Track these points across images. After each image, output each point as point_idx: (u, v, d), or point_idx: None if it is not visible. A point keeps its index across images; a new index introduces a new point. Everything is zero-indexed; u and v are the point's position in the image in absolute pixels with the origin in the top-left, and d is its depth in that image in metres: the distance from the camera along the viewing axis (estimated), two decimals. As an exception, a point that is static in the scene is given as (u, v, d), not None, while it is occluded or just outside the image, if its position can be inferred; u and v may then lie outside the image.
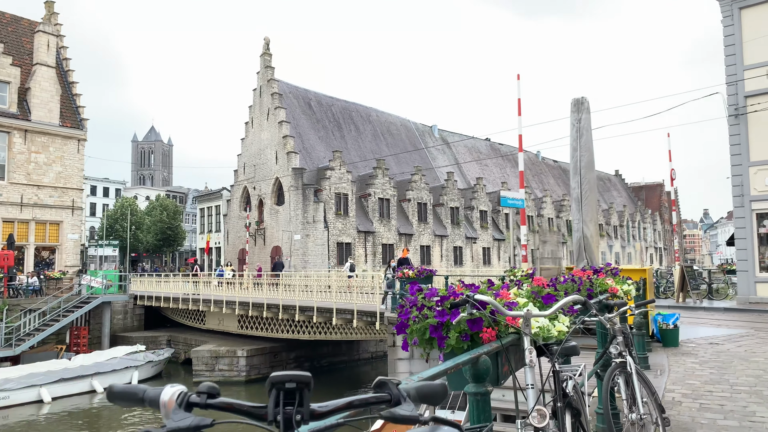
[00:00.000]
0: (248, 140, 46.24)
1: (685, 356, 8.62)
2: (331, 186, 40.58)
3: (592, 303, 5.12)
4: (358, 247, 41.80)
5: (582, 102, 10.39)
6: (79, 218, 35.18)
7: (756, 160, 18.93)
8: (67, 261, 33.65)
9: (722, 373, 7.28)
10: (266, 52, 44.53)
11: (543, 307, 3.02)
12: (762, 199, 18.91)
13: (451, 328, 2.61)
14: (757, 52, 18.74)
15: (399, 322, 2.72)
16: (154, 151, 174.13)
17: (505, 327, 2.64)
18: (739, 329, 12.25)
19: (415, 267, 15.51)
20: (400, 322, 2.72)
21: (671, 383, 6.76)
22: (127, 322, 31.40)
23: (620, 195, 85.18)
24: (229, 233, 47.84)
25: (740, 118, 19.06)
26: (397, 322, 2.79)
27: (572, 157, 10.31)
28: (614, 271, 6.05)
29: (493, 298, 2.88)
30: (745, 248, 19.29)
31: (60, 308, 27.32)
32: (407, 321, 2.72)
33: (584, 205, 10.08)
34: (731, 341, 10.12)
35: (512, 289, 3.12)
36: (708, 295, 21.59)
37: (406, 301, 2.85)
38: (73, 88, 36.52)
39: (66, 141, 34.25)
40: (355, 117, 52.18)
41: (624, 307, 4.48)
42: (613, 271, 6.05)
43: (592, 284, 5.33)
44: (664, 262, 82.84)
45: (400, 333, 2.70)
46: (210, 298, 25.64)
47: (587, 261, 9.97)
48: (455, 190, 50.78)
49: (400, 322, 2.71)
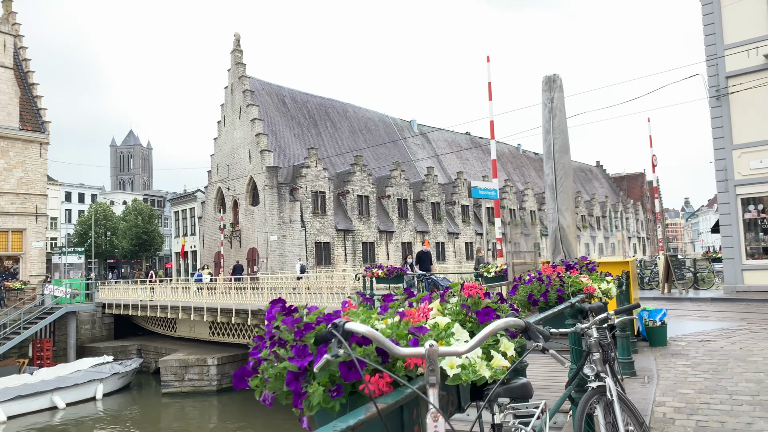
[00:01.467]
0: (221, 140, 44.95)
1: (675, 357, 7.71)
2: (308, 184, 39.45)
3: (565, 309, 4.14)
4: (337, 247, 40.74)
5: (554, 80, 9.45)
6: (43, 225, 33.73)
7: (739, 142, 18.18)
8: (32, 270, 32.23)
9: (718, 378, 6.38)
10: (237, 49, 43.25)
11: (478, 328, 2.04)
12: (747, 183, 18.17)
13: (316, 376, 1.62)
14: (738, 30, 17.99)
15: (239, 368, 1.73)
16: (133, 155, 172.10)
17: (406, 370, 1.65)
18: (729, 322, 11.42)
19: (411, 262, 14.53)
20: (240, 368, 1.73)
21: (661, 393, 5.84)
22: (95, 332, 30.07)
23: (602, 186, 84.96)
24: (204, 236, 46.52)
25: (722, 99, 18.30)
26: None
27: (545, 140, 9.36)
28: (590, 266, 5.09)
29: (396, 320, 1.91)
30: (731, 235, 18.55)
31: (20, 320, 25.98)
32: (255, 365, 1.73)
33: (559, 192, 9.15)
34: (724, 337, 9.26)
35: (433, 303, 2.15)
36: (693, 285, 20.87)
37: (267, 328, 1.86)
38: (34, 90, 35.06)
39: (27, 145, 32.81)
40: (331, 113, 51.05)
41: (600, 315, 3.53)
42: (589, 266, 5.09)
43: (562, 283, 4.37)
44: (647, 252, 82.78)
45: (239, 386, 1.70)
46: (178, 305, 24.47)
47: (564, 254, 9.05)
48: (436, 185, 49.89)
49: (241, 368, 1.72)
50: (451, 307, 2.20)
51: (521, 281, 4.50)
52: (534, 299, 4.32)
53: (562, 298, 4.31)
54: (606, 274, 5.01)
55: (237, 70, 42.87)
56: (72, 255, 30.05)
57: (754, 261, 18.21)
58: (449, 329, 1.90)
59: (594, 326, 3.45)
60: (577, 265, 5.03)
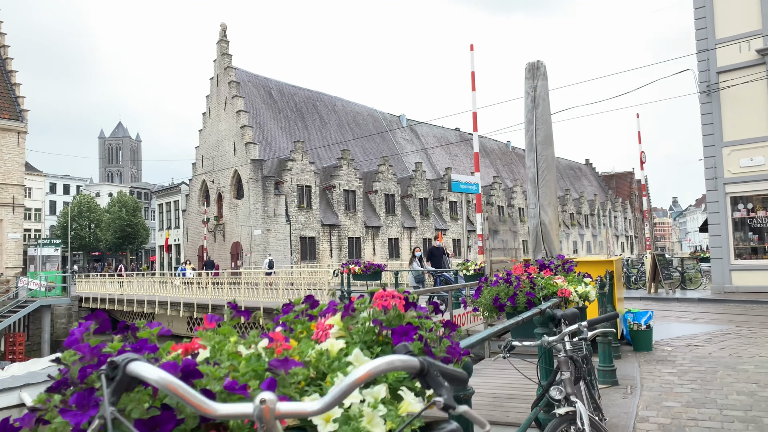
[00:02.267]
0: (206, 132, 44.14)
1: (661, 364, 7.21)
2: (293, 178, 38.75)
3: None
4: (322, 242, 40.11)
5: (538, 67, 8.90)
6: (20, 216, 32.85)
7: (730, 140, 17.75)
8: (8, 262, 31.37)
9: (707, 389, 5.87)
10: (223, 39, 42.41)
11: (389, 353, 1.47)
12: (736, 181, 17.76)
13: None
14: (730, 24, 17.53)
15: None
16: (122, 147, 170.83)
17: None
18: (717, 324, 10.97)
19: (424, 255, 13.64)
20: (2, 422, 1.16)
21: (644, 406, 5.32)
22: (72, 326, 29.28)
23: (591, 184, 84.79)
24: (188, 229, 45.73)
25: (712, 95, 17.86)
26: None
27: (527, 131, 8.83)
28: (568, 266, 4.54)
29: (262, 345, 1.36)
30: (719, 234, 18.15)
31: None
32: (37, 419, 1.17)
33: (541, 186, 8.61)
34: (712, 342, 8.78)
35: (332, 318, 1.61)
36: (681, 285, 20.48)
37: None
38: (12, 78, 34.10)
39: (4, 134, 31.92)
40: (319, 107, 50.31)
41: (571, 327, 2.99)
42: (566, 265, 4.54)
43: (533, 286, 3.82)
44: (635, 250, 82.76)
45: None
46: (155, 300, 23.79)
47: (546, 251, 8.53)
48: (424, 180, 49.32)
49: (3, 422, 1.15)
50: (358, 326, 1.65)
51: (486, 282, 3.95)
52: (500, 303, 3.77)
53: (533, 302, 3.77)
54: (585, 276, 4.47)
55: (223, 61, 42.04)
56: (49, 247, 29.21)
57: (742, 261, 17.83)
58: (343, 358, 1.34)
59: (564, 339, 2.91)
60: (552, 264, 4.47)
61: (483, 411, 5.08)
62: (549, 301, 3.71)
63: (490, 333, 2.44)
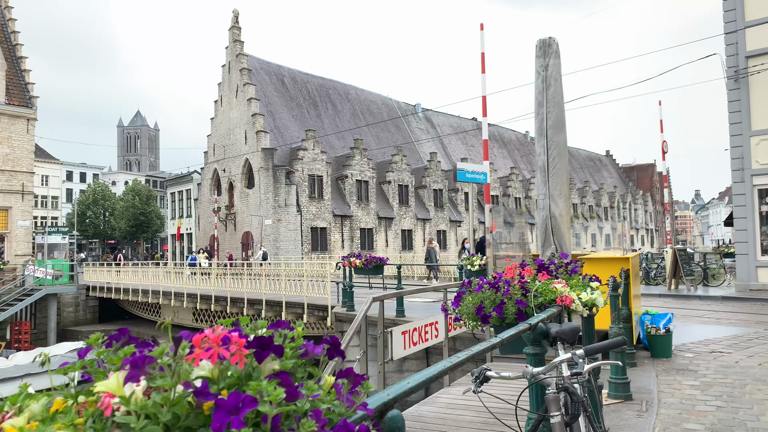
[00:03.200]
0: (217, 120, 43.67)
1: (681, 374, 6.44)
2: (305, 167, 38.14)
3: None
4: (334, 232, 39.52)
5: (549, 44, 8.09)
6: (30, 203, 32.68)
7: (759, 128, 16.72)
8: (17, 250, 31.22)
9: (735, 407, 5.11)
10: (235, 26, 41.79)
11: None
12: (765, 173, 16.74)
13: None
14: (761, 5, 16.45)
15: None
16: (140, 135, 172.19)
17: None
18: (743, 327, 10.11)
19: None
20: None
21: (662, 428, 4.58)
22: (79, 316, 29.11)
23: (611, 176, 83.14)
24: (200, 218, 45.42)
25: (740, 81, 16.81)
26: None
27: (537, 114, 8.03)
28: (572, 266, 3.80)
29: None
30: (745, 228, 17.15)
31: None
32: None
33: (552, 175, 7.83)
34: (738, 347, 7.97)
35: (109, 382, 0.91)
36: (703, 281, 19.51)
37: None
38: (22, 64, 33.84)
39: (13, 120, 31.66)
40: (332, 95, 49.57)
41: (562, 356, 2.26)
42: (569, 266, 3.80)
43: (525, 292, 3.10)
44: (655, 244, 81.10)
45: None
46: (159, 290, 23.38)
47: (556, 247, 7.76)
48: (439, 171, 48.45)
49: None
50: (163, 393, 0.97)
51: (469, 287, 3.23)
52: (484, 314, 3.06)
53: (524, 312, 3.05)
54: (592, 279, 3.73)
55: (235, 48, 41.44)
56: (56, 235, 28.98)
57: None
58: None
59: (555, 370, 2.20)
60: (553, 265, 3.73)
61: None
62: (544, 312, 2.99)
63: (439, 371, 1.72)
